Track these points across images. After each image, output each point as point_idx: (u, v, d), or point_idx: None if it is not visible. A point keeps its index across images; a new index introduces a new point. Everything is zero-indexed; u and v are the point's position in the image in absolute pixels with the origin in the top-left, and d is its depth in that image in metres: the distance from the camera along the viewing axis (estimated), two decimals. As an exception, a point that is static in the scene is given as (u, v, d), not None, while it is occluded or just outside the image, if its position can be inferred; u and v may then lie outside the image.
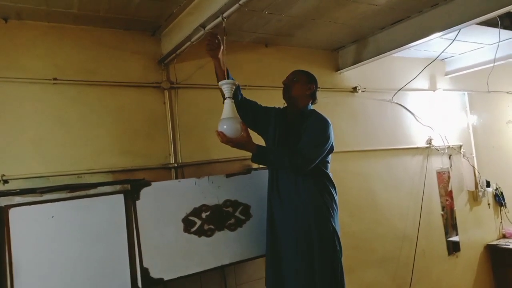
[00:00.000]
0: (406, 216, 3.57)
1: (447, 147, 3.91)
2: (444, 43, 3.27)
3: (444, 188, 3.88)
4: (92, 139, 2.29)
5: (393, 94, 3.59)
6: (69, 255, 1.77)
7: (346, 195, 3.18)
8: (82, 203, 1.85)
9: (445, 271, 3.76)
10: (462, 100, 4.19)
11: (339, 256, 1.99)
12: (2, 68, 2.09)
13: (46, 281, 1.70)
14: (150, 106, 2.50)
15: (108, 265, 1.86)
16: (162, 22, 2.38)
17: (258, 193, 2.27)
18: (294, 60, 3.04)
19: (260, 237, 2.20)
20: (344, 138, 3.24)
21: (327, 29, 2.79)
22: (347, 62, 3.28)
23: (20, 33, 2.14)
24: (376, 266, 3.32)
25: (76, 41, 2.30)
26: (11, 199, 1.68)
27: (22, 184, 2.03)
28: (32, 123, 2.14)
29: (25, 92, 2.13)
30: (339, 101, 3.32)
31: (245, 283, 2.61)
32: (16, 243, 1.66)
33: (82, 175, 2.23)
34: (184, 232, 2.06)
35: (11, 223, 1.66)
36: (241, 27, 2.57)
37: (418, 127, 3.77)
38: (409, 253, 3.53)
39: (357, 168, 3.33)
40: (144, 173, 2.38)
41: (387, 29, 2.89)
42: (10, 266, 1.63)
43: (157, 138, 2.50)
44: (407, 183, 3.63)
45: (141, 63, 2.50)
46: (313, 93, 2.14)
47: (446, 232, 3.82)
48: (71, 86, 2.26)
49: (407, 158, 3.66)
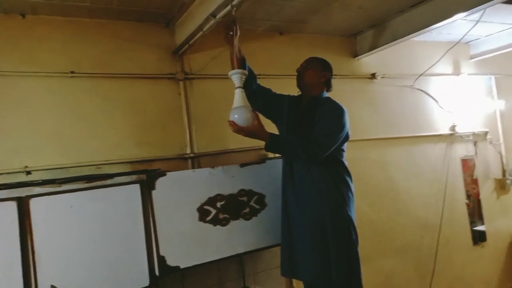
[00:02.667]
0: (428, 205, 3.48)
1: (472, 134, 3.77)
2: (468, 25, 3.13)
3: (470, 176, 3.76)
4: (109, 131, 2.34)
5: (414, 80, 3.48)
6: (88, 243, 1.83)
7: (365, 183, 3.13)
8: (99, 193, 1.89)
9: (469, 261, 3.66)
10: (488, 85, 4.01)
11: (354, 245, 1.97)
12: (21, 63, 2.15)
13: (66, 268, 1.76)
14: (165, 97, 2.53)
15: (126, 253, 1.90)
16: (175, 13, 2.38)
17: (273, 182, 2.26)
18: (309, 47, 2.99)
19: (275, 226, 2.20)
20: (362, 126, 3.18)
21: (343, 14, 2.72)
22: (365, 47, 3.20)
23: (37, 28, 2.20)
24: (396, 256, 3.27)
25: (91, 35, 2.34)
26: (31, 190, 1.74)
27: (43, 175, 2.10)
28: (52, 116, 2.20)
29: (43, 86, 2.19)
30: (357, 88, 3.24)
31: (262, 271, 2.63)
32: (37, 231, 1.72)
33: (101, 166, 2.29)
34: (199, 221, 2.08)
35: (32, 212, 1.72)
36: (254, 15, 2.54)
37: (440, 114, 3.64)
38: (432, 242, 3.45)
39: (376, 156, 3.26)
40: (161, 163, 2.41)
41: (406, 12, 2.79)
42: (32, 254, 1.70)
43: (173, 128, 2.53)
44: (429, 171, 3.53)
45: (156, 54, 2.52)
46: (328, 81, 2.10)
47: (471, 221, 3.71)
48: (87, 79, 2.31)
49: (429, 146, 3.56)
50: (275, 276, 2.62)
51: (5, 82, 2.11)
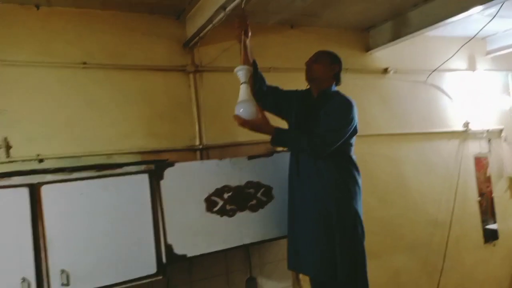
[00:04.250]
0: (439, 202, 3.44)
1: (486, 131, 3.70)
2: (484, 20, 3.05)
3: (483, 174, 3.70)
4: (120, 121, 2.38)
5: (427, 75, 3.43)
6: (97, 230, 1.87)
7: (375, 179, 3.11)
8: (109, 181, 1.93)
9: (480, 259, 3.62)
10: (504, 81, 3.93)
11: (361, 240, 1.96)
12: (35, 53, 2.20)
13: (75, 253, 1.81)
14: (175, 89, 2.55)
15: (134, 240, 1.94)
16: (186, 5, 2.40)
17: (280, 175, 2.26)
18: (321, 41, 2.97)
19: (282, 218, 2.21)
20: (373, 121, 3.16)
21: (356, 7, 2.69)
22: (378, 42, 3.16)
23: (51, 19, 2.24)
24: (405, 252, 3.25)
25: (104, 26, 2.37)
26: (43, 177, 1.78)
27: (55, 163, 2.16)
28: (64, 105, 2.25)
29: (57, 76, 2.24)
30: (369, 82, 3.22)
31: (269, 262, 2.65)
32: (48, 217, 1.77)
33: (111, 155, 2.33)
34: (207, 212, 2.10)
35: (43, 199, 1.76)
36: (266, 8, 2.54)
37: (454, 110, 3.59)
38: (441, 239, 3.42)
39: (387, 152, 3.24)
40: (171, 154, 2.44)
41: (420, 6, 2.74)
42: (43, 239, 1.75)
43: (183, 120, 2.55)
44: (441, 168, 3.48)
45: (167, 47, 2.54)
46: (337, 74, 2.09)
47: (483, 220, 3.66)
48: (99, 70, 2.35)
49: (442, 142, 3.51)
50: (282, 268, 2.64)
51: (19, 72, 2.16)
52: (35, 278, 1.72)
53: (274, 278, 2.65)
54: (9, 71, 2.14)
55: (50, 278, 1.75)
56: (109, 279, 1.87)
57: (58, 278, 1.76)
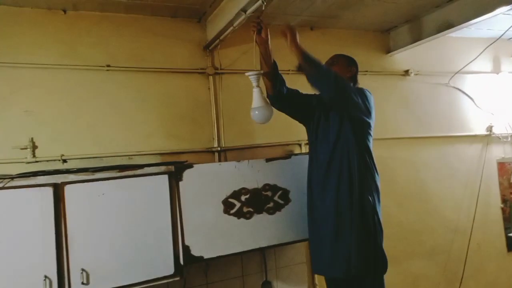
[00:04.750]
0: (460, 208, 3.36)
1: (510, 135, 3.60)
2: (510, 20, 2.98)
3: (507, 179, 3.59)
4: (141, 123, 2.43)
5: (449, 77, 3.36)
6: (117, 230, 1.91)
7: (394, 183, 3.07)
8: (130, 182, 1.97)
9: (503, 268, 3.51)
10: (531, 84, 3.81)
11: (379, 237, 1.92)
12: (62, 55, 2.27)
13: (96, 252, 1.86)
14: (195, 91, 2.59)
15: (152, 241, 1.97)
16: (207, 9, 2.42)
17: (298, 178, 2.26)
18: (340, 42, 2.96)
19: (299, 222, 2.21)
20: (393, 124, 3.11)
21: (376, 8, 2.66)
22: (399, 43, 3.12)
23: (77, 23, 2.31)
24: (424, 259, 3.19)
25: (127, 30, 2.42)
26: (66, 177, 1.84)
27: (78, 164, 2.22)
28: (88, 107, 2.31)
29: (81, 78, 2.31)
30: (389, 85, 3.17)
31: (285, 266, 2.65)
32: (70, 216, 1.82)
33: (132, 156, 2.38)
34: (224, 214, 2.12)
35: (66, 198, 1.82)
36: (285, 10, 2.54)
37: (477, 113, 3.50)
38: (462, 246, 3.34)
39: (407, 155, 3.19)
40: (190, 155, 2.48)
41: (443, 7, 2.69)
42: (65, 237, 1.80)
43: (202, 122, 2.58)
44: (462, 173, 3.40)
45: (188, 50, 2.58)
46: (354, 76, 2.10)
47: (506, 227, 3.55)
48: (122, 73, 2.40)
49: (464, 146, 3.43)
50: (298, 272, 2.64)
51: (46, 75, 2.24)
52: (57, 276, 1.77)
53: (289, 282, 2.64)
54: (36, 74, 2.22)
55: (71, 277, 1.80)
56: (128, 279, 1.91)
57: (78, 277, 1.81)
